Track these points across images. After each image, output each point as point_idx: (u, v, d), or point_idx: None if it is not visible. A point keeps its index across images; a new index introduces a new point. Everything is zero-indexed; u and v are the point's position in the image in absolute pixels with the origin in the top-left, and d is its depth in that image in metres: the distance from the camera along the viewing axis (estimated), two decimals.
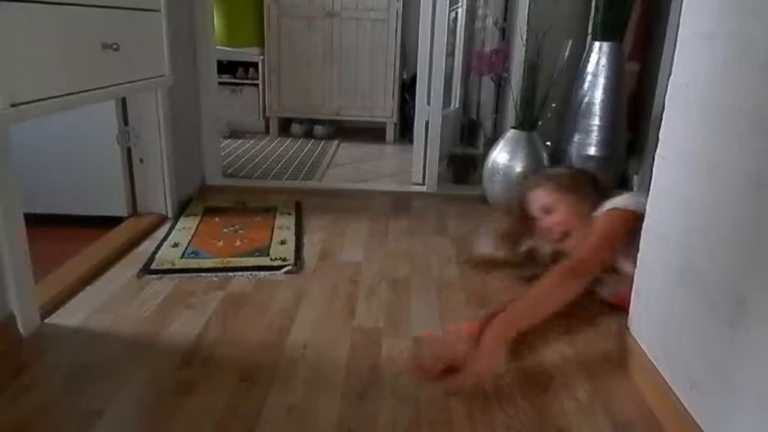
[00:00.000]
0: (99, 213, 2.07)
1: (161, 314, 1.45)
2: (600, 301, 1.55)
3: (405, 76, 3.87)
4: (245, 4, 3.75)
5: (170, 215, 2.13)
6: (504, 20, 2.87)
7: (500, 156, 2.36)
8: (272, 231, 2.03)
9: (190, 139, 2.42)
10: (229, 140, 3.63)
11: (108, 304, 1.49)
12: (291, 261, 1.77)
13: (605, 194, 1.62)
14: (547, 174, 1.86)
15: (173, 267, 1.71)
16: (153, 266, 1.70)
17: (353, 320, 1.46)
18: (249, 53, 3.80)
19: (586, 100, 2.30)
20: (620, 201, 1.54)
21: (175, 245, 1.88)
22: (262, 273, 1.70)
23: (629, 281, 1.37)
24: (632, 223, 1.43)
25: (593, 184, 1.70)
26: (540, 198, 1.69)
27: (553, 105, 2.43)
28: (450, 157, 2.87)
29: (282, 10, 3.70)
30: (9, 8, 1.05)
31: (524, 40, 2.44)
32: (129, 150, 2.07)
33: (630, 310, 1.34)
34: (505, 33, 2.85)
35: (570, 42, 2.45)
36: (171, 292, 1.57)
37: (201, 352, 1.29)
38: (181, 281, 1.63)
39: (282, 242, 1.93)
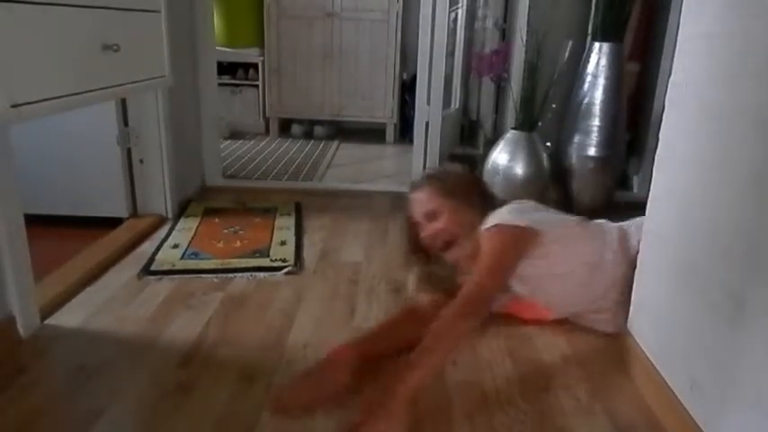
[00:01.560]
0: (99, 214, 2.07)
1: (161, 315, 1.45)
2: (491, 315, 1.38)
3: (405, 77, 3.87)
4: (245, 5, 3.75)
5: (170, 216, 2.13)
6: (504, 20, 2.87)
7: (500, 156, 2.36)
8: (272, 232, 2.03)
9: (190, 140, 2.42)
10: (229, 141, 3.63)
11: (108, 305, 1.49)
12: (291, 262, 1.77)
13: (490, 203, 1.48)
14: (433, 173, 1.68)
15: (173, 268, 1.71)
16: (153, 267, 1.70)
17: (353, 320, 1.46)
18: (249, 54, 3.80)
19: (586, 100, 2.30)
20: (505, 215, 1.39)
21: (175, 246, 1.88)
22: (262, 273, 1.70)
23: (517, 295, 1.38)
24: (525, 241, 1.33)
25: (483, 193, 1.55)
26: (423, 202, 1.49)
27: (553, 106, 2.43)
28: (450, 157, 2.87)
29: (282, 10, 3.70)
30: (9, 9, 1.05)
31: (524, 40, 2.44)
32: (129, 151, 2.07)
33: (630, 310, 1.34)
34: (505, 34, 2.85)
35: (570, 43, 2.45)
36: (171, 292, 1.57)
37: (201, 352, 1.29)
38: (181, 282, 1.63)
39: (282, 243, 1.93)
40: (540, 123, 2.37)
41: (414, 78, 3.00)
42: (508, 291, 1.42)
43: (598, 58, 2.28)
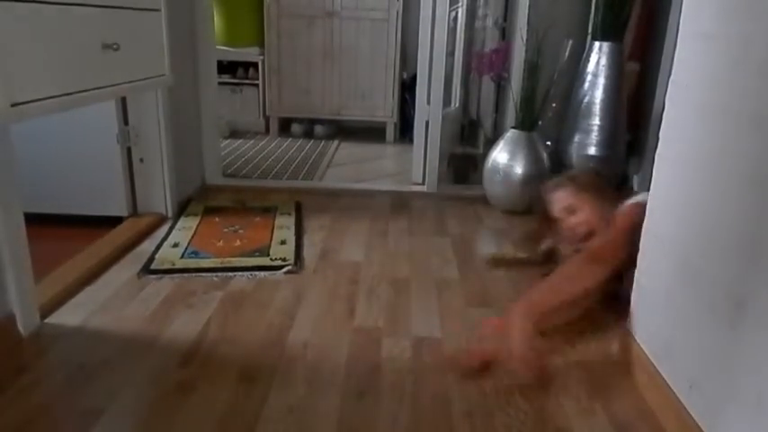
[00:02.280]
0: (99, 213, 2.07)
1: (161, 314, 1.45)
2: (619, 298, 1.50)
3: (405, 76, 3.87)
4: (245, 5, 3.75)
5: (170, 215, 2.13)
6: (505, 20, 2.87)
7: (500, 155, 2.36)
8: (272, 231, 2.03)
9: (190, 139, 2.42)
10: (229, 140, 3.63)
11: (108, 304, 1.49)
12: (291, 261, 1.77)
13: (624, 195, 1.64)
14: (568, 175, 1.90)
15: (173, 267, 1.71)
16: (153, 266, 1.70)
17: (353, 320, 1.46)
18: (249, 53, 3.80)
19: (586, 100, 2.30)
20: (640, 197, 1.55)
21: (175, 245, 1.88)
22: (262, 273, 1.70)
23: None
24: None
25: (612, 186, 1.76)
26: (563, 199, 1.72)
27: (553, 105, 2.43)
28: (450, 156, 2.87)
29: (282, 10, 3.70)
30: (10, 8, 1.05)
31: (524, 39, 2.44)
32: (129, 150, 2.07)
33: (631, 310, 1.34)
34: (505, 33, 2.85)
35: (570, 42, 2.45)
36: (171, 291, 1.57)
37: (201, 352, 1.29)
38: (181, 281, 1.63)
39: (282, 242, 1.93)
40: (540, 123, 2.37)
41: (414, 77, 3.00)
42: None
43: (598, 58, 2.28)
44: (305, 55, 3.76)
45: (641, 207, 1.48)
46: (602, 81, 2.27)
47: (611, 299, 1.48)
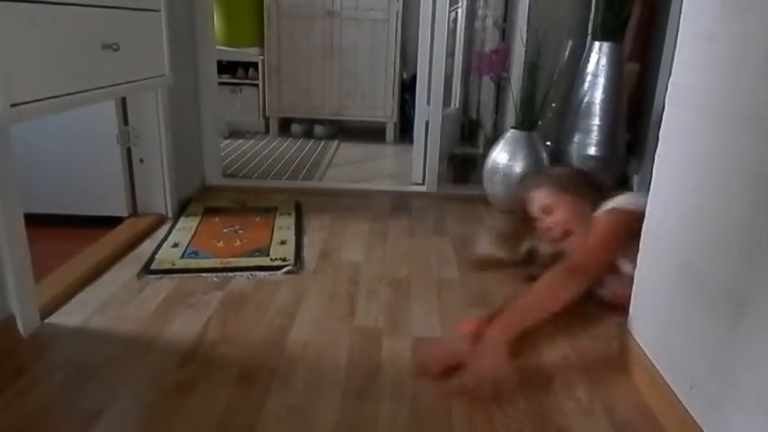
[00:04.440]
0: (99, 213, 2.07)
1: (161, 314, 1.45)
2: (600, 301, 1.55)
3: (405, 76, 3.87)
4: (245, 5, 3.75)
5: (170, 215, 2.13)
6: (504, 20, 2.87)
7: (500, 156, 2.36)
8: (272, 231, 2.03)
9: (190, 139, 2.42)
10: (229, 140, 3.63)
11: (108, 304, 1.49)
12: (291, 261, 1.77)
13: (605, 195, 1.62)
14: (547, 174, 1.87)
15: (173, 267, 1.71)
16: (153, 266, 1.70)
17: (353, 320, 1.46)
18: (249, 53, 3.80)
19: (586, 100, 2.30)
20: (620, 200, 1.54)
21: (175, 245, 1.88)
22: (262, 273, 1.70)
23: (629, 280, 1.36)
24: (634, 223, 1.42)
25: (592, 185, 1.70)
26: (540, 198, 1.69)
27: (553, 105, 2.43)
28: (450, 157, 2.87)
29: (282, 10, 3.69)
30: (9, 8, 1.05)
31: (524, 40, 2.44)
32: (129, 150, 2.07)
33: (630, 310, 1.34)
34: (505, 33, 2.85)
35: (570, 42, 2.45)
36: (171, 292, 1.57)
37: (201, 352, 1.29)
38: (181, 281, 1.63)
39: (282, 242, 1.93)
40: (540, 123, 2.37)
41: (414, 78, 3.00)
42: (618, 274, 1.48)
43: (598, 58, 2.28)
44: (305, 55, 3.76)
45: (621, 213, 1.49)
46: (601, 81, 2.27)
47: (587, 298, 1.48)
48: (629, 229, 1.43)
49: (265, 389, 1.16)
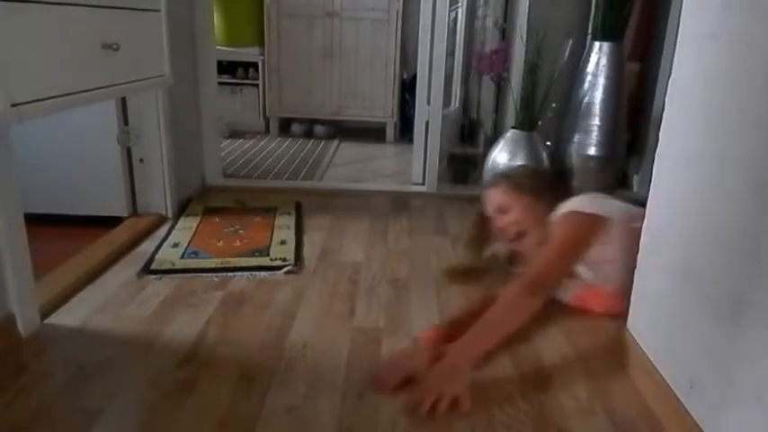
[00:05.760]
0: (99, 213, 2.07)
1: (161, 314, 1.45)
2: (561, 304, 1.51)
3: (405, 76, 3.87)
4: (245, 4, 3.75)
5: (170, 215, 2.13)
6: (504, 20, 2.87)
7: (500, 156, 2.36)
8: (272, 231, 2.03)
9: (190, 139, 2.42)
10: (229, 140, 3.63)
11: (108, 304, 1.49)
12: (291, 261, 1.77)
13: (563, 195, 1.59)
14: (504, 173, 1.82)
15: (173, 267, 1.71)
16: (153, 267, 1.70)
17: (353, 320, 1.46)
18: (249, 53, 3.80)
19: (586, 100, 2.30)
20: (577, 203, 1.50)
21: (175, 245, 1.88)
22: (262, 273, 1.70)
23: (586, 282, 1.36)
24: (596, 228, 1.40)
25: (550, 184, 1.67)
26: (495, 197, 1.65)
27: (553, 105, 2.43)
28: (450, 156, 2.87)
29: (282, 10, 3.69)
30: (9, 8, 1.05)
31: (524, 40, 2.44)
32: (129, 150, 2.07)
33: (630, 310, 1.34)
34: (505, 33, 2.85)
35: (570, 42, 2.45)
36: (171, 292, 1.57)
37: (201, 352, 1.29)
38: (181, 281, 1.63)
39: (282, 242, 1.93)
40: (540, 123, 2.37)
41: (414, 78, 3.00)
42: (576, 278, 1.46)
43: (598, 58, 2.28)
44: (305, 55, 3.76)
45: (580, 218, 1.45)
46: (602, 81, 2.27)
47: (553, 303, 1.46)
48: (589, 236, 1.40)
49: (265, 389, 1.16)
